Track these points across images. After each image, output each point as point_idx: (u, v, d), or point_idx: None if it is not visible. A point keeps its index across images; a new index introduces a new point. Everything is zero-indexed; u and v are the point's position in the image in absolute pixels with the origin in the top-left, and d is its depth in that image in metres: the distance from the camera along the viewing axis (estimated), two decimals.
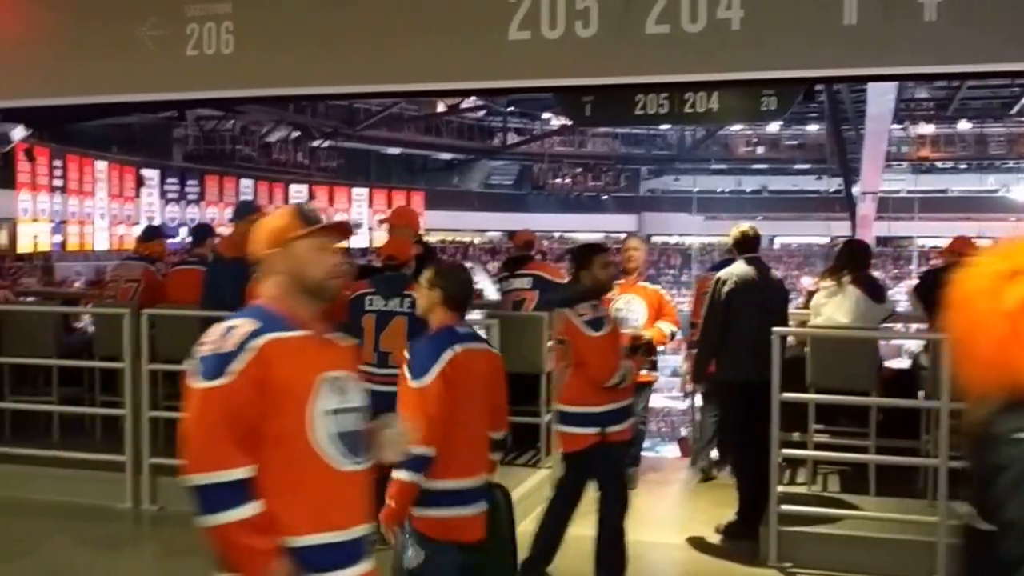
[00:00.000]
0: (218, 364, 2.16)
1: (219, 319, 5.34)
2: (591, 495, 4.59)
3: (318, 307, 2.35)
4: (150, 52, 5.45)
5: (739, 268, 5.34)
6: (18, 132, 7.03)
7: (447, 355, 3.38)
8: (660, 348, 6.36)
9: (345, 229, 2.47)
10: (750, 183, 39.42)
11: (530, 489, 5.79)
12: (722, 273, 5.39)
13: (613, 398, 4.48)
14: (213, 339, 2.22)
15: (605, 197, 38.07)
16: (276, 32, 5.29)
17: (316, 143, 29.06)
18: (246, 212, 6.20)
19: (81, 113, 9.28)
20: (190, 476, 2.14)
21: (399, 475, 3.24)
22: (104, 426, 6.57)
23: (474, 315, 6.11)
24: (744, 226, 5.64)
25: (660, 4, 4.77)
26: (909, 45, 4.53)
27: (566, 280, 7.06)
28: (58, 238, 20.35)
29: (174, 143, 25.08)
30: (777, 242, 38.07)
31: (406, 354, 3.56)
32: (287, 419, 2.20)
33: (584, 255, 4.62)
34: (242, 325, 2.22)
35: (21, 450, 5.91)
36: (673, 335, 6.23)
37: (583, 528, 4.61)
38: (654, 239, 38.34)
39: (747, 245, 5.50)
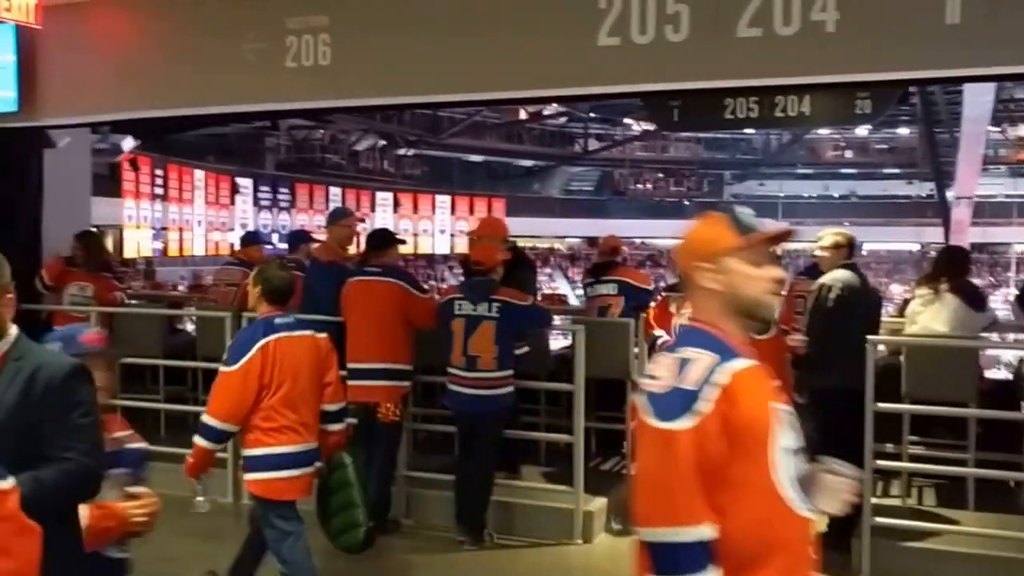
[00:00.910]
0: (681, 403, 1.85)
1: (315, 322, 5.50)
2: None
3: (751, 328, 2.06)
4: (251, 65, 5.65)
5: (843, 274, 5.20)
6: (127, 143, 7.39)
7: (260, 343, 3.89)
8: None
9: (786, 235, 2.12)
10: (838, 188, 38.52)
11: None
12: (826, 279, 5.21)
13: None
14: (667, 373, 1.91)
15: (687, 202, 37.65)
16: (371, 44, 5.43)
17: (401, 151, 29.46)
18: (339, 217, 6.38)
19: (182, 124, 9.66)
20: (650, 529, 1.86)
21: (200, 442, 4.03)
22: None
23: (558, 320, 6.17)
24: (845, 231, 5.51)
25: (752, 7, 4.74)
26: (1018, 42, 4.40)
27: (652, 287, 7.06)
28: (159, 244, 21.09)
29: (267, 152, 25.73)
30: (866, 248, 37.11)
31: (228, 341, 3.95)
32: (752, 461, 1.89)
33: None
34: (700, 356, 1.90)
35: None
36: None
37: None
38: None
39: (849, 251, 5.38)
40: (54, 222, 7.04)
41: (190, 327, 8.15)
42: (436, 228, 28.52)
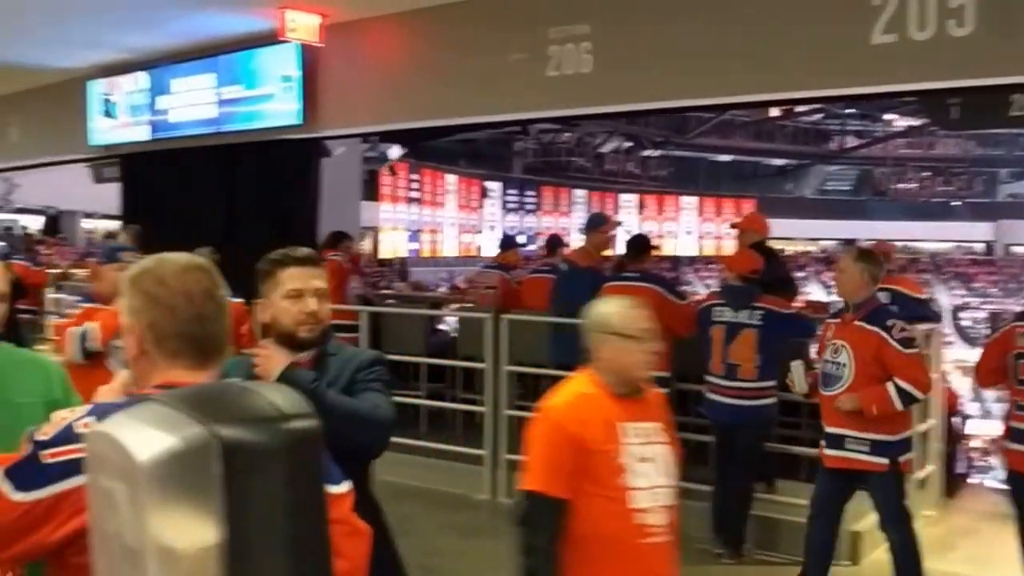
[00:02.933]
0: None
1: (571, 325, 5.58)
2: None
3: None
4: (515, 74, 5.83)
5: None
6: (394, 151, 7.91)
7: None
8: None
9: None
10: None
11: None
12: None
13: None
14: None
15: (956, 203, 34.90)
16: (632, 50, 5.45)
17: (647, 152, 29.40)
18: (597, 223, 6.42)
19: (441, 131, 10.12)
20: None
21: None
22: (464, 421, 7.09)
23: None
24: None
25: None
26: None
27: (925, 296, 6.59)
28: (413, 245, 22.30)
29: (514, 156, 26.50)
30: None
31: None
32: None
33: None
34: None
35: (395, 439, 6.52)
36: (909, 397, 4.15)
37: None
38: (1012, 249, 34.60)
39: None
40: (328, 226, 7.58)
41: (442, 326, 8.47)
42: (682, 230, 28.21)
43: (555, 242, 7.72)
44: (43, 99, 9.99)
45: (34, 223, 23.23)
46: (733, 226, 5.89)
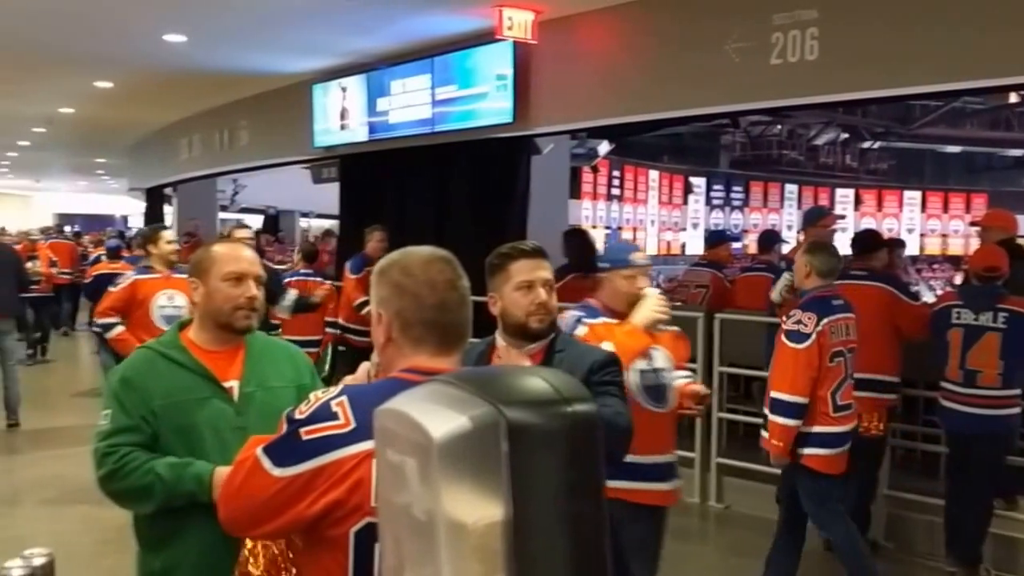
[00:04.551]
0: None
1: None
2: None
3: None
4: (734, 64, 5.61)
5: None
6: (603, 148, 7.81)
7: (289, 279, 7.11)
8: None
9: None
10: None
11: None
12: None
13: None
14: None
15: None
16: (861, 34, 5.11)
17: (866, 144, 27.80)
18: (815, 217, 6.10)
19: (649, 126, 9.95)
20: None
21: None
22: None
23: None
24: None
25: None
26: None
27: None
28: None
29: (721, 150, 25.75)
30: None
31: None
32: None
33: None
34: None
35: None
36: (770, 398, 4.14)
37: None
38: None
39: None
40: (537, 225, 7.60)
41: None
42: (903, 227, 26.51)
43: (770, 238, 7.37)
44: (271, 103, 10.65)
45: (255, 222, 25.00)
46: (973, 224, 5.43)
